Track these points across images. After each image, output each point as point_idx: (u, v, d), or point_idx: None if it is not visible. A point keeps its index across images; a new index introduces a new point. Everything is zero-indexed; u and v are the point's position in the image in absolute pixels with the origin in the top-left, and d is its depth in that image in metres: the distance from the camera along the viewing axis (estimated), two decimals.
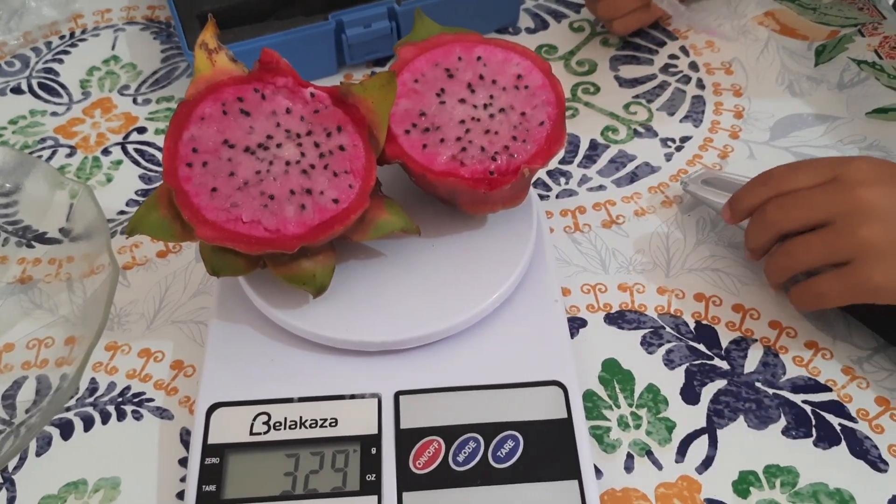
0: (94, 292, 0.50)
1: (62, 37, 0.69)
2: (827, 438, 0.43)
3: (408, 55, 0.47)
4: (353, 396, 0.42)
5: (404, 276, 0.45)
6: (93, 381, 0.47)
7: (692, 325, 0.48)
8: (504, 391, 0.42)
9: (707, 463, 0.42)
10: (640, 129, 0.59)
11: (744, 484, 0.42)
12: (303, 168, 0.42)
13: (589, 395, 0.45)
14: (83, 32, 0.69)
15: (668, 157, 0.58)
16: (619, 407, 0.45)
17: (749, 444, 0.43)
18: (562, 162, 0.57)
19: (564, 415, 0.42)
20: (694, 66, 0.64)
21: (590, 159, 0.58)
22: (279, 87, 0.44)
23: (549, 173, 0.57)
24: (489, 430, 0.41)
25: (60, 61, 0.67)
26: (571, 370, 0.43)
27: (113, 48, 0.68)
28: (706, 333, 0.48)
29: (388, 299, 0.44)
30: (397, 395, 0.42)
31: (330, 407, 0.42)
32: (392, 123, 0.45)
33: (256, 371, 0.43)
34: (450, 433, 0.41)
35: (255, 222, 0.41)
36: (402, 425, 0.41)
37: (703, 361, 0.46)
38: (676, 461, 0.43)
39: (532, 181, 0.49)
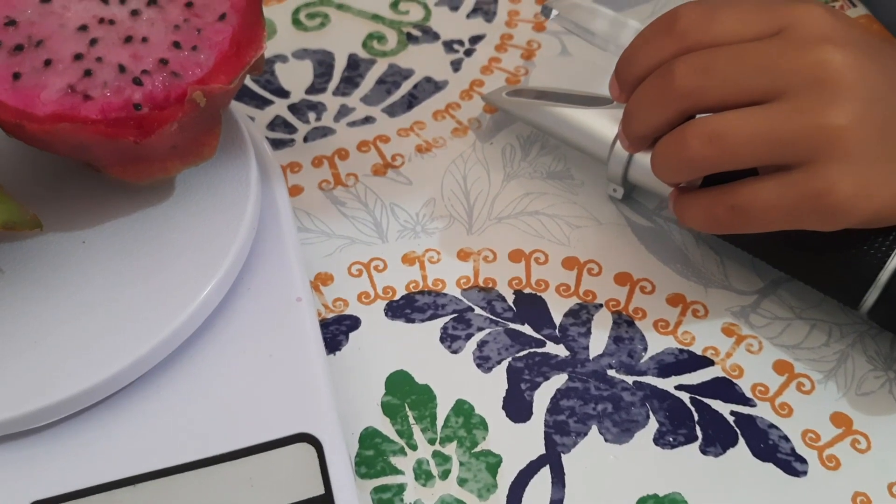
0: None
1: None
2: (717, 438, 0.30)
3: None
4: None
5: (35, 303, 0.27)
6: None
7: (510, 299, 0.33)
8: (214, 472, 0.26)
9: None
10: (416, 33, 0.43)
11: None
12: None
13: (369, 438, 0.29)
14: None
15: (457, 67, 0.42)
16: (414, 448, 0.29)
17: (609, 471, 0.29)
18: (310, 90, 0.40)
19: (320, 489, 0.25)
20: None
21: (350, 82, 0.41)
22: None
23: (293, 108, 0.40)
24: None
25: None
26: (328, 409, 0.27)
27: None
28: (531, 307, 0.33)
29: (10, 346, 0.26)
30: None
31: None
32: None
33: None
34: None
35: None
36: None
37: (531, 350, 0.32)
38: None
39: (223, 114, 0.32)
